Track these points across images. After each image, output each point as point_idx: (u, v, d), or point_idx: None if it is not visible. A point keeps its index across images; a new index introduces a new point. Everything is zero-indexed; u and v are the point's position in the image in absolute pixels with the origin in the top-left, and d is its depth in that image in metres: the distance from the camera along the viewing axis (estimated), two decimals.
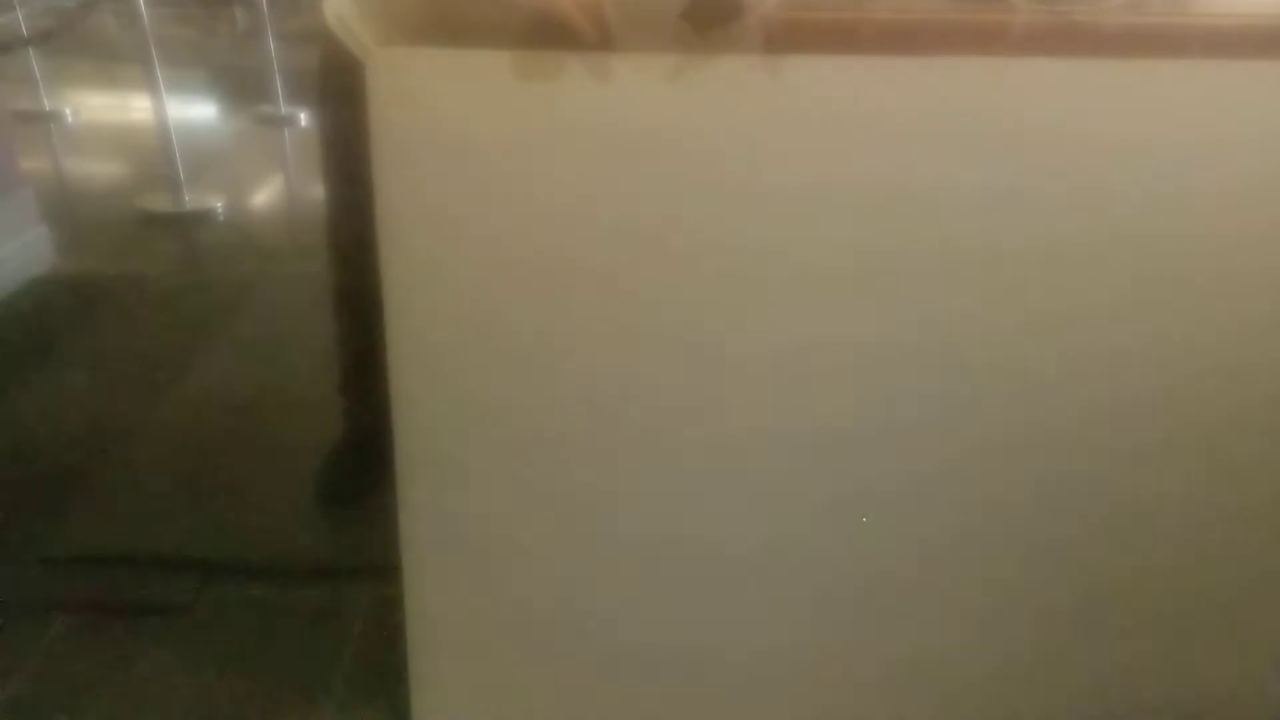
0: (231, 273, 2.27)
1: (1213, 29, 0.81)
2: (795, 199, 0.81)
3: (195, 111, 3.46)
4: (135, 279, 2.20)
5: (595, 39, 0.74)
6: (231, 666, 1.22)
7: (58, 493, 1.49)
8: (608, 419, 0.89)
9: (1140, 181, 0.83)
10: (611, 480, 0.92)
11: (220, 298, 2.12)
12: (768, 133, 0.78)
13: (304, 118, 3.22)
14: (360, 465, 1.46)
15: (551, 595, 0.98)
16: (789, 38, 0.74)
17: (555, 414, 0.88)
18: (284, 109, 3.27)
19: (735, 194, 0.80)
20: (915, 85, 0.78)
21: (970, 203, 0.82)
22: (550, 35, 0.74)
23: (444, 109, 0.77)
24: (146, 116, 2.85)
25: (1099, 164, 0.82)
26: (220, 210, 2.60)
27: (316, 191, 1.35)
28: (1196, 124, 0.82)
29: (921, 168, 0.81)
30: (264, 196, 2.83)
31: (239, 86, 3.63)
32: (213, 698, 1.18)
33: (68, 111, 3.34)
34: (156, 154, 2.66)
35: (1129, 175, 0.83)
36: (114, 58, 3.81)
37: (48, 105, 3.32)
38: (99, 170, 3.03)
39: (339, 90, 0.89)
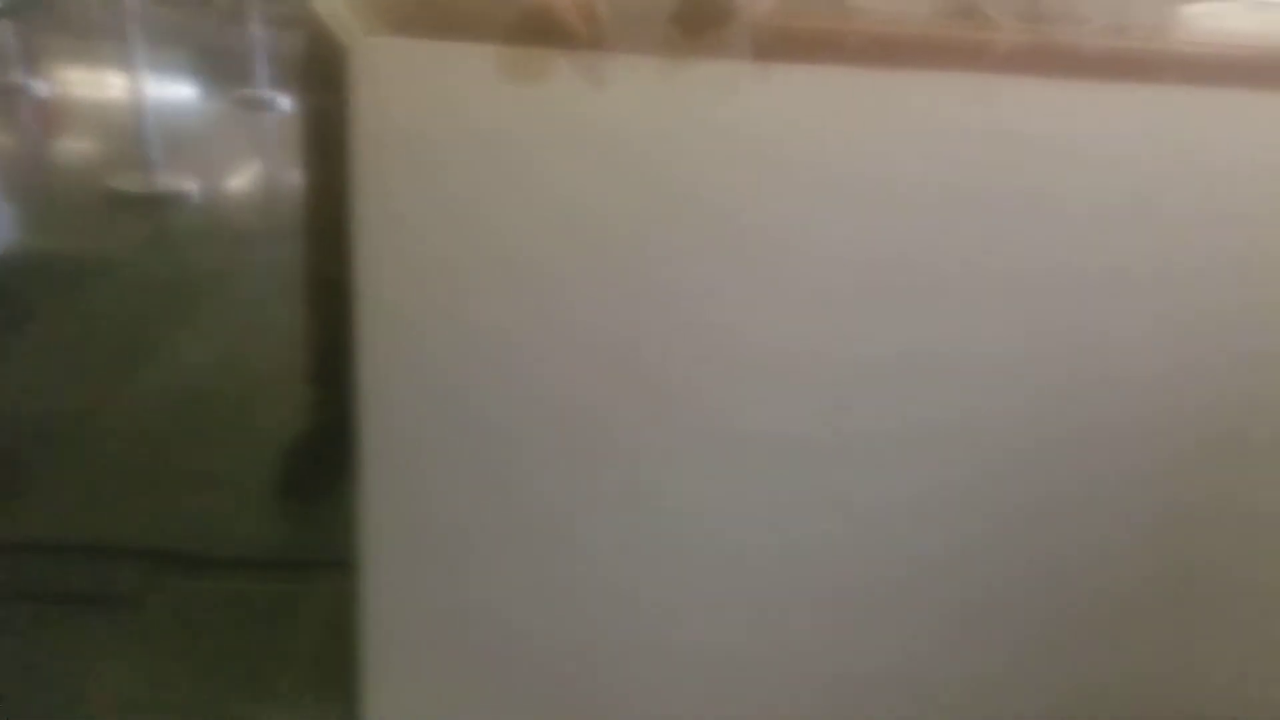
0: (202, 257, 2.24)
1: (1190, 56, 0.83)
2: (777, 206, 0.81)
3: (174, 92, 3.42)
4: (101, 260, 2.16)
5: (585, 38, 0.74)
6: (182, 660, 1.19)
7: (9, 477, 1.46)
8: (576, 420, 0.89)
9: (1117, 200, 0.85)
10: (576, 481, 0.92)
11: (189, 282, 2.09)
12: (753, 139, 0.79)
13: (285, 103, 3.19)
14: (324, 458, 1.43)
15: (511, 595, 0.97)
16: (778, 46, 0.74)
17: (524, 413, 0.88)
18: (265, 93, 3.23)
19: (718, 199, 0.80)
20: (899, 98, 0.79)
21: (951, 215, 0.83)
22: (540, 32, 0.74)
23: (428, 101, 0.76)
24: (123, 95, 2.81)
25: (1078, 181, 0.83)
26: (194, 193, 2.56)
27: (294, 178, 1.33)
28: (1172, 147, 0.83)
29: (903, 179, 0.81)
30: (240, 181, 2.80)
31: (220, 69, 3.59)
32: (161, 691, 1.15)
33: (40, 86, 3.29)
34: (131, 133, 2.62)
35: (1106, 193, 0.84)
36: (93, 35, 3.76)
37: (19, 79, 3.27)
38: (71, 147, 2.98)
39: (322, 77, 0.88)
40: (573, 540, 0.95)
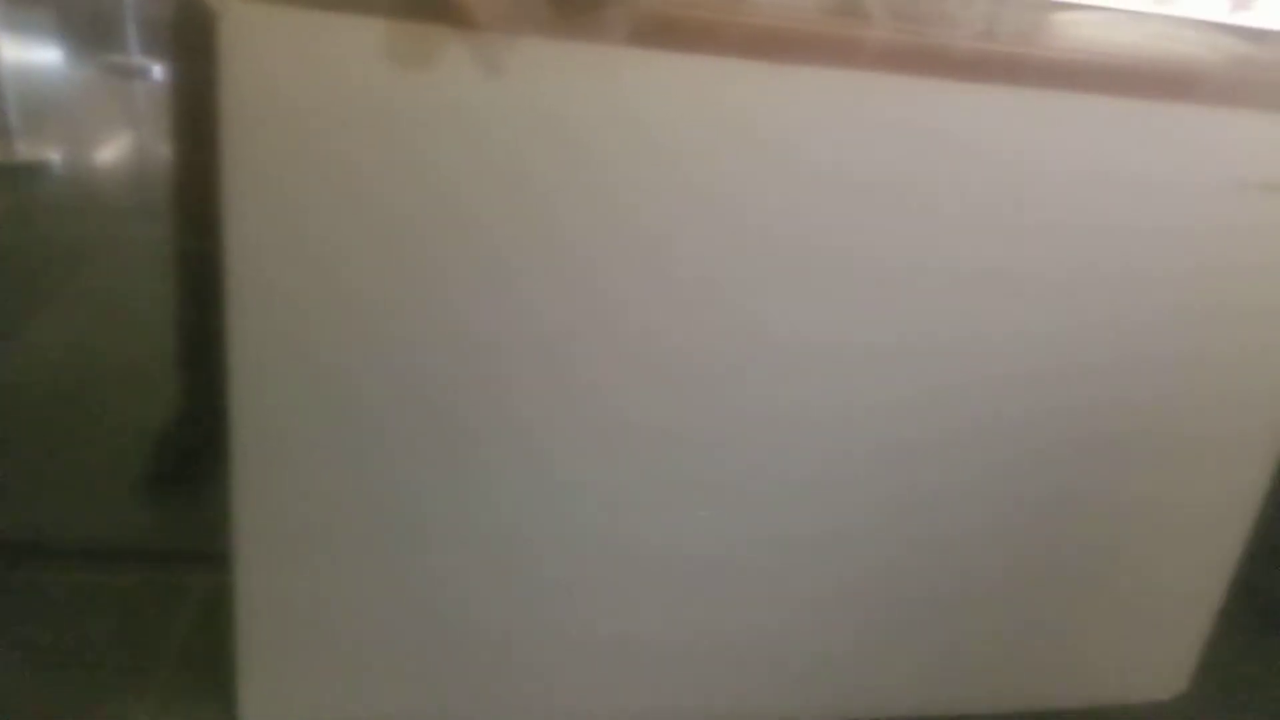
0: (65, 232, 2.12)
1: (1057, 62, 0.87)
2: (651, 192, 0.81)
3: (35, 56, 3.21)
4: None
5: (464, 16, 0.72)
6: (46, 656, 1.13)
7: None
8: (453, 407, 0.88)
9: (985, 200, 0.88)
10: (454, 470, 0.91)
11: (51, 258, 1.97)
12: (629, 125, 0.79)
13: (159, 70, 3.03)
14: (196, 445, 1.38)
15: (389, 586, 0.96)
16: (658, 33, 0.74)
17: (401, 400, 0.86)
18: (137, 60, 3.07)
19: (592, 183, 0.80)
20: (774, 91, 0.80)
21: (820, 206, 0.85)
22: (419, 6, 0.72)
23: (303, 75, 0.74)
24: None
25: (948, 179, 0.87)
26: (57, 164, 2.42)
27: (167, 150, 1.28)
28: (1035, 149, 0.87)
29: (778, 171, 0.83)
30: (108, 152, 2.65)
31: (87, 32, 3.39)
32: (24, 690, 1.09)
33: None
34: None
35: (975, 192, 0.87)
36: None
37: None
38: None
39: (192, 44, 0.84)
40: (451, 530, 0.94)
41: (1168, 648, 1.18)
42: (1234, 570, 1.15)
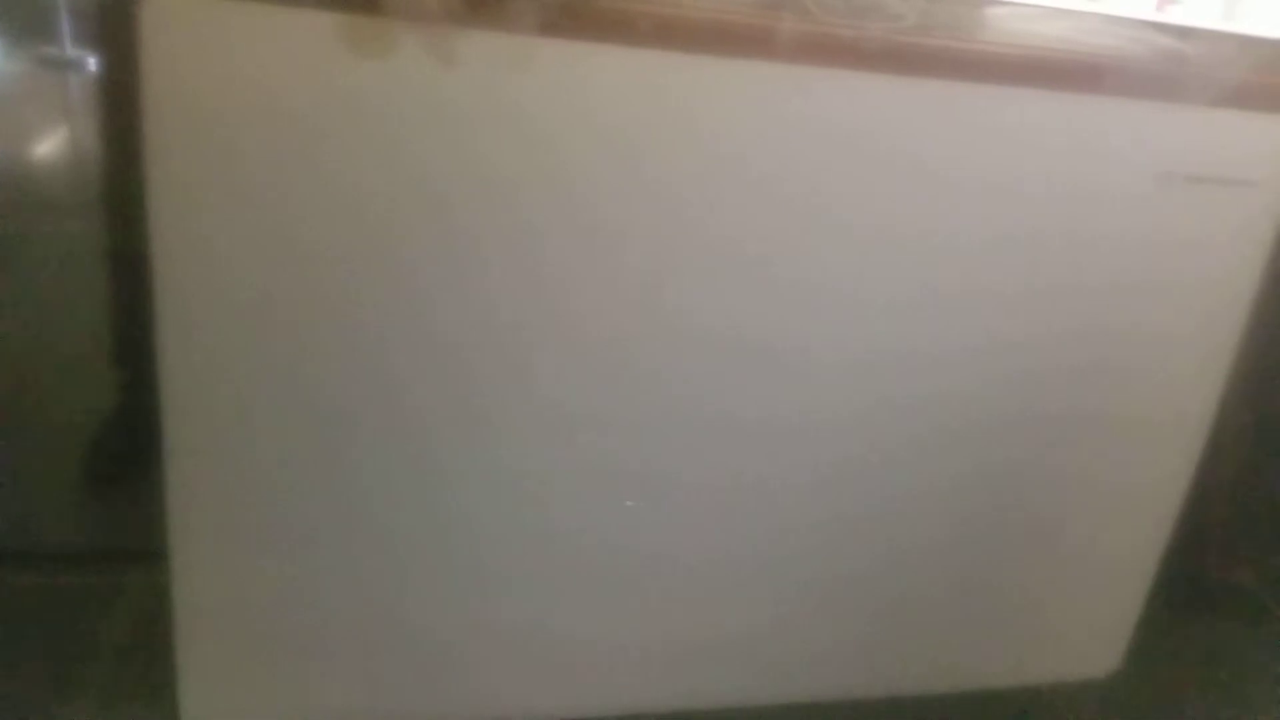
0: None
1: (987, 55, 0.88)
2: (560, 186, 0.82)
3: None
4: None
5: (379, 6, 0.72)
6: None
7: None
8: (389, 398, 0.87)
9: (914, 185, 0.90)
10: (390, 462, 0.90)
11: None
12: (535, 118, 0.79)
13: (93, 63, 2.96)
14: (133, 443, 1.36)
15: (331, 581, 0.95)
16: (568, 22, 0.74)
17: (335, 395, 0.85)
18: (70, 52, 2.99)
19: (510, 178, 0.80)
20: (692, 83, 0.80)
21: (740, 200, 0.86)
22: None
23: (223, 65, 0.72)
24: None
25: (877, 171, 0.87)
26: None
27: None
28: (967, 139, 0.89)
29: (693, 164, 0.83)
30: (42, 147, 2.58)
31: (19, 24, 3.29)
32: None
33: None
34: None
35: (903, 179, 0.89)
36: None
37: None
38: None
39: (117, 35, 0.82)
40: (389, 523, 0.94)
41: (1101, 626, 1.21)
42: (1165, 549, 1.17)
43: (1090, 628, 1.21)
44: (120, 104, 1.14)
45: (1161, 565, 1.18)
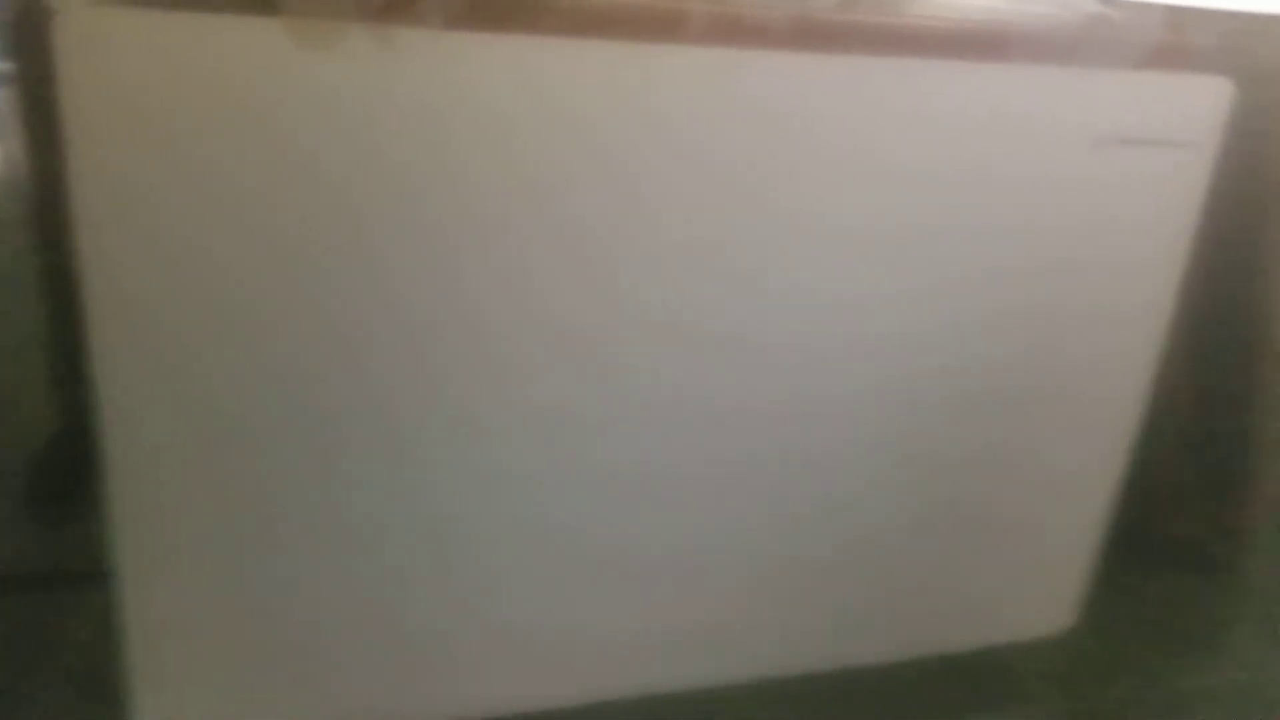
0: None
1: (916, 29, 0.89)
2: (479, 181, 0.81)
3: None
4: None
5: (279, 6, 0.71)
6: None
7: None
8: (326, 406, 0.86)
9: (846, 163, 0.90)
10: (331, 468, 0.90)
11: None
12: (445, 111, 0.78)
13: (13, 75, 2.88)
14: (77, 462, 1.33)
15: (281, 590, 0.94)
16: (474, 14, 0.73)
17: (272, 405, 0.85)
18: (2, 65, 2.91)
19: (427, 173, 0.80)
20: (608, 72, 0.80)
21: (686, 191, 0.86)
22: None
23: (142, 73, 0.71)
24: None
25: (807, 147, 0.88)
26: None
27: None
28: (899, 114, 0.90)
29: (618, 152, 0.83)
30: None
31: None
32: None
33: None
34: None
35: (835, 157, 0.90)
36: None
37: None
38: None
39: (34, 44, 0.80)
40: (332, 529, 0.93)
41: (1053, 584, 1.24)
42: (1113, 510, 1.20)
43: (1043, 586, 1.23)
44: (42, 117, 1.10)
45: (1112, 522, 1.21)
